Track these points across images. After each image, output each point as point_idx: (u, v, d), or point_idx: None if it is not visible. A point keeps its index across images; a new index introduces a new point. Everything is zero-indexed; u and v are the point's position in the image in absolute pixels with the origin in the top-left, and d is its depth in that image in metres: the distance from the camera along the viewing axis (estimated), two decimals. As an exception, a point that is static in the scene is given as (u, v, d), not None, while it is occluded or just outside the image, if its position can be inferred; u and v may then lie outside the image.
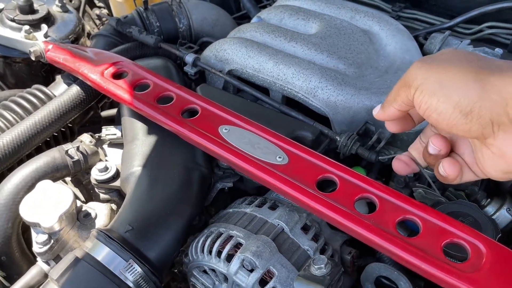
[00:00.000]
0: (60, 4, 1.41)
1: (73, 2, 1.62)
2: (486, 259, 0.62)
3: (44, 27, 1.28)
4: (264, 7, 1.45)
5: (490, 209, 0.88)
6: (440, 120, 0.56)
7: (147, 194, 0.83)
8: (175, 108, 0.90)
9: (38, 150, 1.03)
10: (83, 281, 0.71)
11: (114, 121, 1.27)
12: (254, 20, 1.20)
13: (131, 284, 0.73)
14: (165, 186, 0.85)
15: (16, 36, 1.27)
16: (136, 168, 0.87)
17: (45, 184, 0.84)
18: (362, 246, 0.86)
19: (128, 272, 0.73)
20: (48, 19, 1.36)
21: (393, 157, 0.73)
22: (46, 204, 0.80)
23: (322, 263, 0.69)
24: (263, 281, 0.74)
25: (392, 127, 0.68)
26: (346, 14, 1.13)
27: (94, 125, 1.32)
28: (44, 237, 0.79)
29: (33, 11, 1.33)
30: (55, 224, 0.79)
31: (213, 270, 0.80)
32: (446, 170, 0.63)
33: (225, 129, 0.85)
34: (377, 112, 0.67)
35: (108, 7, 1.56)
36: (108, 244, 0.74)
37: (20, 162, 1.01)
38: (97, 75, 1.00)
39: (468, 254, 0.63)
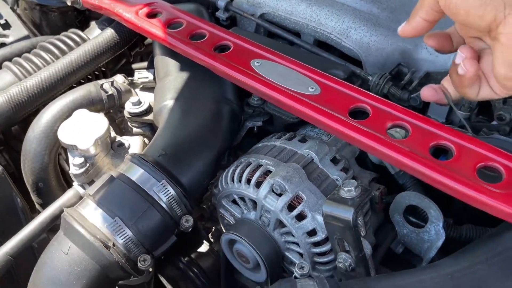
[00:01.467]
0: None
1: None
2: (520, 179, 0.61)
3: (79, -25, 1.30)
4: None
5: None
6: (458, 4, 0.56)
7: (180, 124, 0.85)
8: (208, 44, 0.91)
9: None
10: (118, 198, 0.74)
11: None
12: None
13: (163, 205, 0.75)
14: (196, 118, 0.86)
15: (51, -18, 1.29)
16: (169, 101, 0.89)
17: (82, 112, 0.87)
18: (390, 185, 0.87)
19: (162, 193, 0.75)
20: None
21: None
22: (83, 129, 0.83)
23: (352, 186, 0.69)
24: (291, 206, 0.75)
25: (430, 42, 0.67)
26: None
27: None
28: (81, 159, 0.82)
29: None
30: (91, 147, 0.81)
31: (242, 199, 0.82)
32: (466, 66, 0.61)
33: (257, 62, 0.85)
34: (402, 27, 0.66)
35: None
36: (142, 166, 0.76)
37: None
38: (132, 14, 1.01)
39: (503, 175, 0.63)
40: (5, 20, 1.33)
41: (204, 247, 1.03)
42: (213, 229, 1.05)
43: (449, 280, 0.63)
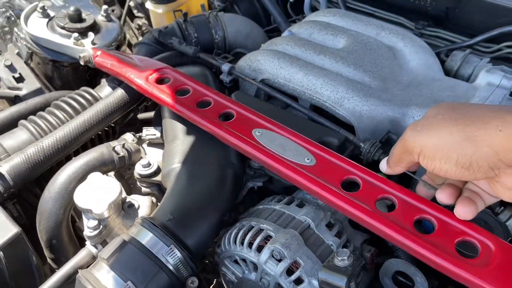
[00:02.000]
0: (105, 14, 1.52)
1: (115, 12, 1.74)
2: (494, 256, 0.68)
3: (91, 34, 1.40)
4: (294, 21, 1.54)
5: (502, 217, 0.93)
6: (448, 175, 0.64)
7: (186, 188, 0.92)
8: (213, 112, 0.99)
9: (84, 148, 1.14)
10: (130, 261, 0.80)
11: (151, 123, 1.37)
12: (285, 33, 1.29)
13: (171, 267, 0.82)
14: (202, 182, 0.93)
15: (66, 42, 1.38)
16: (177, 164, 0.97)
17: (96, 176, 0.94)
18: (380, 246, 0.94)
19: (169, 256, 0.81)
20: (94, 27, 1.46)
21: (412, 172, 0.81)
22: (97, 193, 0.90)
23: (345, 255, 0.76)
24: (290, 271, 0.82)
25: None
26: (372, 31, 1.21)
27: (131, 127, 1.43)
28: (95, 222, 0.88)
29: (81, 19, 1.44)
30: (105, 211, 0.88)
31: (244, 260, 0.88)
32: (461, 215, 0.70)
33: (258, 132, 0.93)
34: (385, 171, 0.76)
35: (148, 17, 1.68)
36: (152, 230, 0.83)
37: (67, 158, 1.11)
38: (143, 80, 1.10)
39: (478, 251, 0.70)
40: (19, 73, 1.41)
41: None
42: (214, 281, 1.11)
43: None
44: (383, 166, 0.76)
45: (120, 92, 1.19)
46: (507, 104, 1.00)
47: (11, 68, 1.41)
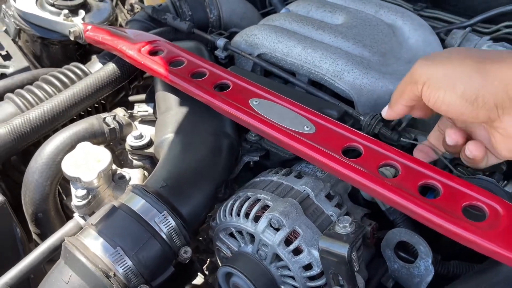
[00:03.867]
0: (97, -7, 1.49)
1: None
2: (503, 218, 0.66)
3: (81, 12, 1.37)
4: (289, 3, 1.51)
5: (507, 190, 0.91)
6: (449, 110, 0.62)
7: (180, 157, 0.88)
8: (208, 82, 0.96)
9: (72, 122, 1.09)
10: (120, 228, 0.76)
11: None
12: (282, 11, 1.26)
13: (164, 236, 0.78)
14: (197, 151, 0.90)
15: (56, 19, 1.34)
16: (170, 134, 0.93)
17: (85, 145, 0.89)
18: (381, 221, 0.91)
19: (162, 224, 0.77)
20: (85, 6, 1.43)
21: (414, 143, 0.78)
22: (87, 162, 0.86)
23: (347, 222, 0.72)
24: (288, 241, 0.78)
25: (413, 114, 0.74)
26: (371, 8, 1.19)
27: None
28: (83, 191, 0.84)
29: (71, -4, 1.40)
30: (94, 179, 0.84)
31: (240, 232, 0.84)
32: (473, 152, 0.67)
33: (255, 101, 0.90)
34: (385, 113, 0.73)
35: (141, -1, 1.65)
36: (144, 197, 0.79)
37: (55, 131, 1.07)
38: (135, 52, 1.06)
39: (486, 214, 0.67)
40: (6, 51, 1.36)
41: (198, 279, 1.04)
42: (208, 261, 1.07)
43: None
44: (384, 110, 0.73)
45: (111, 66, 1.15)
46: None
47: (-2, 45, 1.36)
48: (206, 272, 1.06)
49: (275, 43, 1.09)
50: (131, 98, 1.50)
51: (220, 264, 0.94)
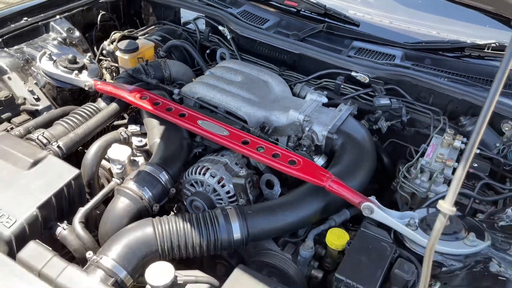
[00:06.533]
0: (88, 59, 2.38)
1: (91, 56, 2.57)
2: (302, 164, 1.71)
3: (84, 72, 2.26)
4: (210, 66, 2.53)
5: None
6: None
7: (165, 148, 1.84)
8: (174, 112, 1.93)
9: (92, 140, 1.98)
10: (143, 178, 1.69)
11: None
12: (207, 73, 2.27)
13: (163, 182, 1.72)
14: (173, 145, 1.86)
15: (69, 76, 2.21)
16: (156, 139, 1.88)
17: (116, 144, 1.81)
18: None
19: (162, 177, 1.72)
20: (84, 66, 2.32)
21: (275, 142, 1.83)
22: (119, 152, 1.78)
23: (245, 172, 1.73)
24: (218, 182, 1.77)
25: None
26: (255, 71, 2.24)
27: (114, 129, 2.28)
28: (120, 166, 1.76)
29: (76, 62, 2.29)
30: (126, 159, 1.76)
31: (196, 182, 1.81)
32: None
33: (200, 121, 1.89)
34: None
35: (116, 60, 2.55)
36: (152, 165, 1.73)
37: (93, 140, 1.95)
38: (132, 97, 2.00)
39: (298, 163, 1.72)
40: (37, 95, 2.20)
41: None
42: (175, 207, 2.01)
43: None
44: None
45: (114, 105, 2.07)
46: (317, 110, 2.07)
47: (32, 92, 2.20)
48: (175, 211, 2.00)
49: (206, 92, 2.09)
50: (115, 123, 2.40)
51: (185, 203, 1.89)
